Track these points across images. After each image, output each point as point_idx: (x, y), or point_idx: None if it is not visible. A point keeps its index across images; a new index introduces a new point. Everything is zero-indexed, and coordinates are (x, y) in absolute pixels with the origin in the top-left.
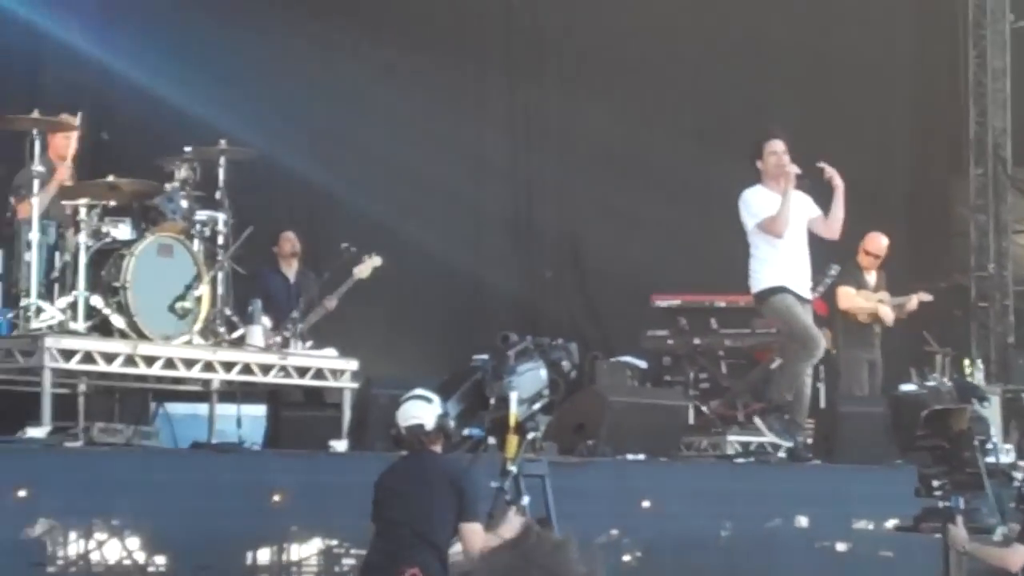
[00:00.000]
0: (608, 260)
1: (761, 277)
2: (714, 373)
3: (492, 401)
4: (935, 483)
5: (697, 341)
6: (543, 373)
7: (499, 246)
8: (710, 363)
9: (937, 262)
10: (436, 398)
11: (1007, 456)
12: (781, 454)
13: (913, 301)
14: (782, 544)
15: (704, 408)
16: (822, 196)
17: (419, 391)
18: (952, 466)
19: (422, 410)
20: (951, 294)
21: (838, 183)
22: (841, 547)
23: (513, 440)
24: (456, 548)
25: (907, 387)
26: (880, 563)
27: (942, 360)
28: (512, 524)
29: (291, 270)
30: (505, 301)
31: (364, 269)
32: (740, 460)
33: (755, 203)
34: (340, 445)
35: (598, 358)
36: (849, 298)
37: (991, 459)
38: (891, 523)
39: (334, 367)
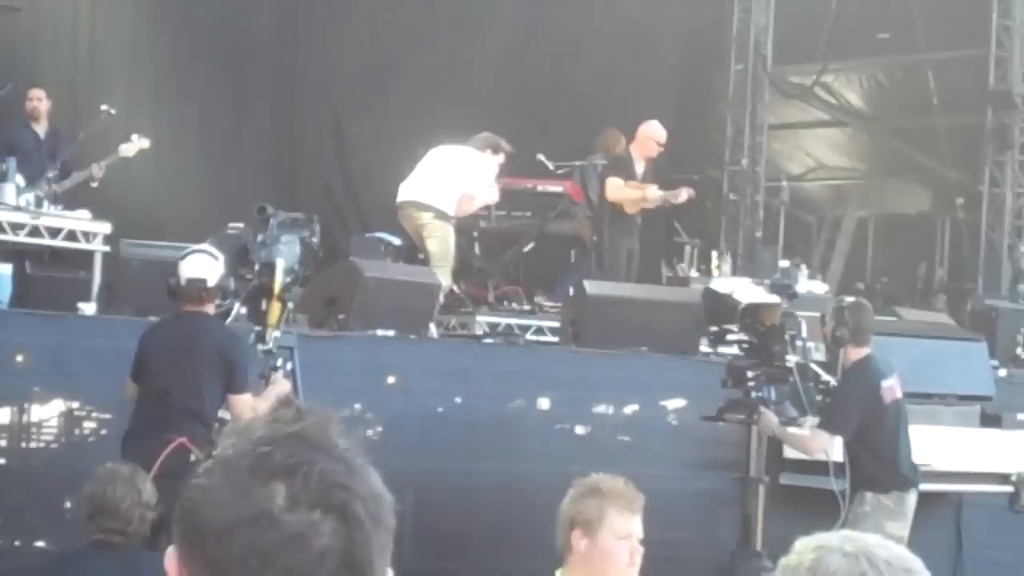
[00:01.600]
0: (369, 137)
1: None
2: (467, 254)
3: (256, 267)
4: (749, 374)
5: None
6: (298, 247)
7: (260, 118)
8: (464, 243)
9: (693, 155)
10: (221, 257)
11: (816, 353)
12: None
13: (681, 196)
14: (523, 424)
15: (455, 287)
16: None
17: (205, 246)
18: (762, 359)
19: (207, 265)
20: (703, 186)
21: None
22: (580, 430)
23: (276, 307)
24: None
25: (715, 282)
26: (617, 447)
27: (691, 251)
28: (281, 386)
29: (40, 127)
30: (264, 173)
31: (130, 148)
32: (488, 340)
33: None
34: (88, 308)
35: (354, 233)
36: (618, 189)
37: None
38: (631, 408)
39: (86, 229)
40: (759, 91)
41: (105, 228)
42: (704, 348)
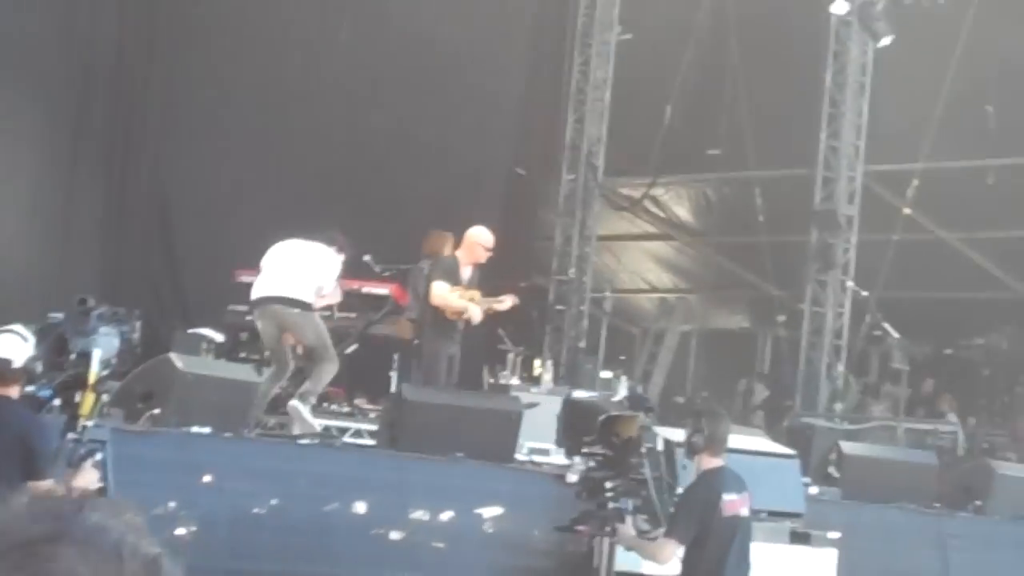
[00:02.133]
0: (196, 233)
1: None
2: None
3: (72, 357)
4: (608, 485)
5: None
6: (116, 341)
7: (90, 206)
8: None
9: (520, 262)
10: (31, 339)
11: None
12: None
13: (506, 302)
14: (338, 528)
15: (280, 388)
16: None
17: (16, 327)
18: (618, 471)
19: (14, 346)
20: (529, 295)
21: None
22: (395, 535)
23: (90, 397)
24: None
25: (580, 393)
26: (432, 553)
27: (514, 359)
28: (88, 475)
29: None
30: (90, 262)
31: None
32: (304, 441)
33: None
34: None
35: (176, 328)
36: (442, 294)
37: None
38: (447, 515)
39: None
40: (589, 202)
41: None
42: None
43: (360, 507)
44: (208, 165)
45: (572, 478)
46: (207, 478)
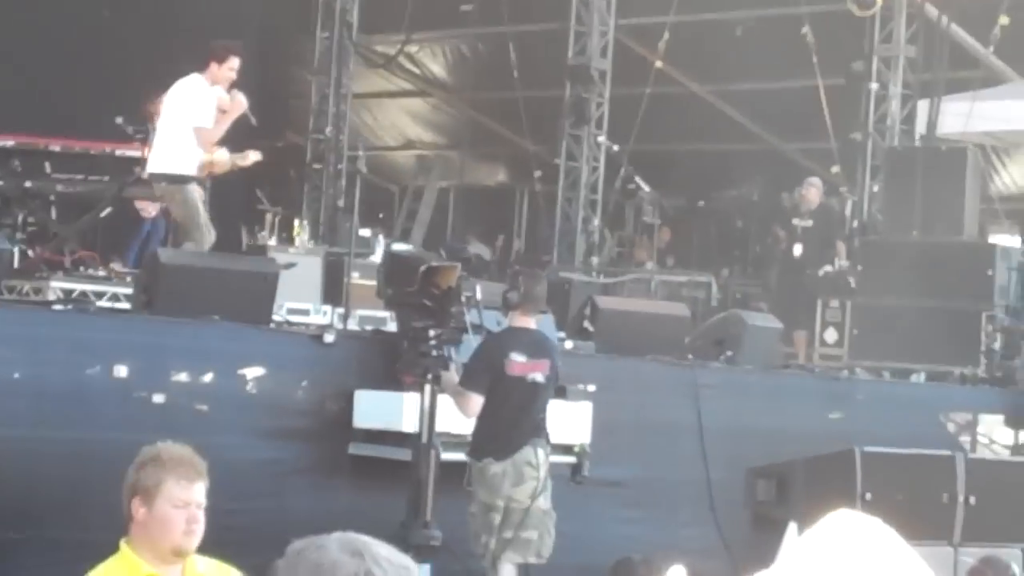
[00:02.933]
0: None
1: (177, 163)
2: (44, 218)
3: None
4: (431, 333)
5: (28, 184)
6: None
7: None
8: (41, 207)
9: (275, 121)
10: None
11: None
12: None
13: (250, 157)
14: (95, 393)
15: (30, 252)
16: None
17: None
18: (438, 320)
19: None
20: (286, 154)
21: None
22: (155, 399)
23: None
24: None
25: (401, 246)
26: (195, 416)
27: (272, 218)
28: None
29: None
30: None
31: None
32: (58, 307)
33: (199, 99)
34: None
35: None
36: None
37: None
38: (205, 377)
39: None
40: (344, 59)
41: None
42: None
43: (118, 371)
44: None
45: (329, 338)
46: None
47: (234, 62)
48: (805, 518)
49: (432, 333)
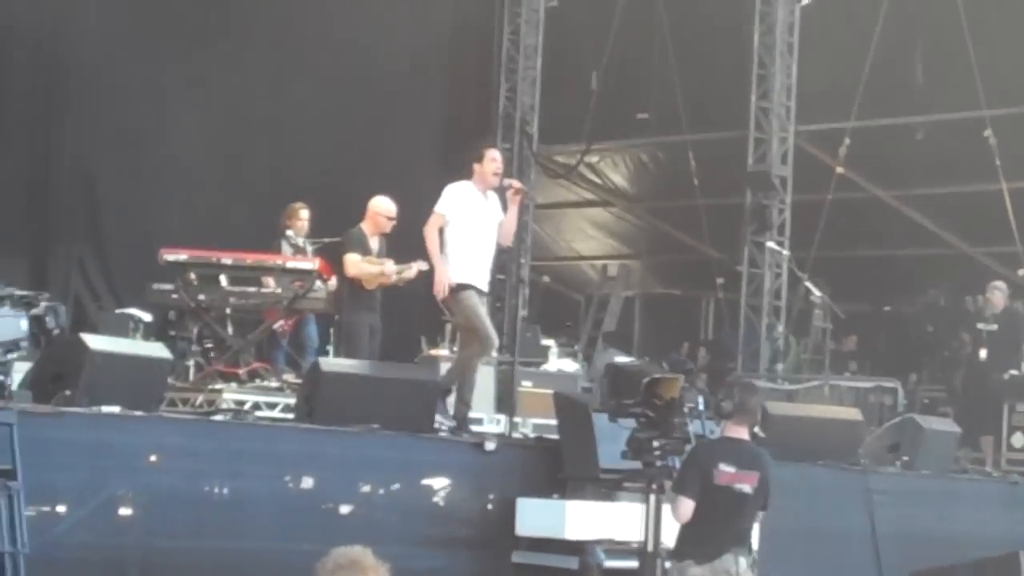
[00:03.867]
0: (120, 211)
1: (452, 270)
2: (219, 330)
3: None
4: (655, 444)
5: (203, 297)
6: (23, 324)
7: (10, 189)
8: (215, 320)
9: None
10: None
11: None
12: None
13: (412, 270)
14: (252, 502)
15: (206, 364)
16: None
17: None
18: (662, 430)
19: None
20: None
21: (518, 197)
22: (310, 507)
23: None
24: None
25: (622, 359)
26: (348, 524)
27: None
28: None
29: None
30: (16, 246)
31: None
32: (217, 418)
33: (457, 199)
34: None
35: (102, 308)
36: (355, 265)
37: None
38: (364, 486)
39: None
40: (525, 171)
41: None
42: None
43: (273, 481)
44: (132, 141)
45: (490, 446)
46: (117, 458)
47: (492, 153)
48: None
49: (656, 444)
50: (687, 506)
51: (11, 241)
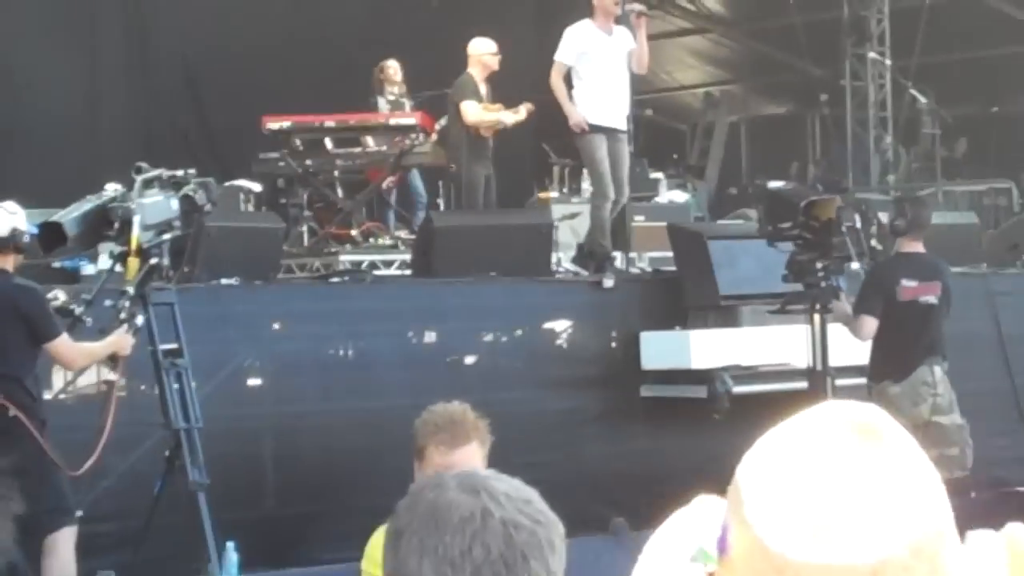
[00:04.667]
0: (220, 83)
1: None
2: (328, 193)
3: (116, 225)
4: (819, 265)
5: (309, 162)
6: (174, 203)
7: (113, 71)
8: (324, 183)
9: None
10: (21, 211)
11: None
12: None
13: (522, 112)
14: (376, 360)
15: (319, 228)
16: None
17: (6, 202)
18: (822, 251)
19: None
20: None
21: (642, 20)
22: (434, 361)
23: (133, 263)
24: None
25: (775, 183)
26: (481, 373)
27: (560, 171)
28: (122, 340)
29: None
30: (121, 127)
31: None
32: (335, 280)
33: (576, 41)
34: None
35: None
36: (475, 112)
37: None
38: (488, 334)
39: None
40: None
41: None
42: None
43: (395, 337)
44: (224, 12)
45: (608, 283)
46: (239, 327)
47: None
48: None
49: (819, 265)
50: (870, 324)
51: (116, 124)
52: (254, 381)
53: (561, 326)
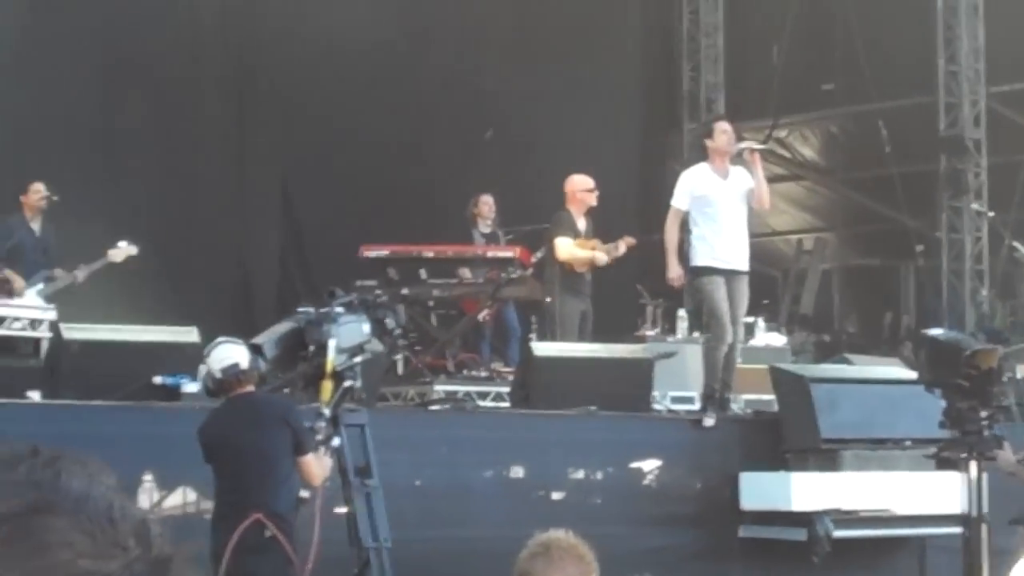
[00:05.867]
0: (319, 210)
1: (695, 254)
2: (423, 323)
3: (312, 349)
4: (983, 413)
5: (406, 291)
6: (365, 327)
7: (213, 204)
8: (419, 314)
9: (652, 216)
10: (240, 342)
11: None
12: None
13: (621, 247)
14: (476, 490)
15: (413, 358)
16: None
17: (224, 337)
18: (980, 401)
19: (235, 351)
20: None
21: (756, 156)
22: (532, 492)
23: (328, 385)
24: None
25: (935, 331)
26: (580, 507)
27: (653, 311)
28: (324, 461)
29: (37, 222)
30: (223, 258)
31: (118, 254)
32: (435, 408)
33: (690, 186)
34: (35, 395)
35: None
36: (567, 248)
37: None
38: (584, 469)
39: (33, 317)
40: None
41: (50, 314)
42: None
43: (494, 467)
44: (323, 144)
45: (709, 422)
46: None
47: (722, 125)
48: None
49: (983, 413)
50: None
51: (214, 246)
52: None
53: (659, 462)
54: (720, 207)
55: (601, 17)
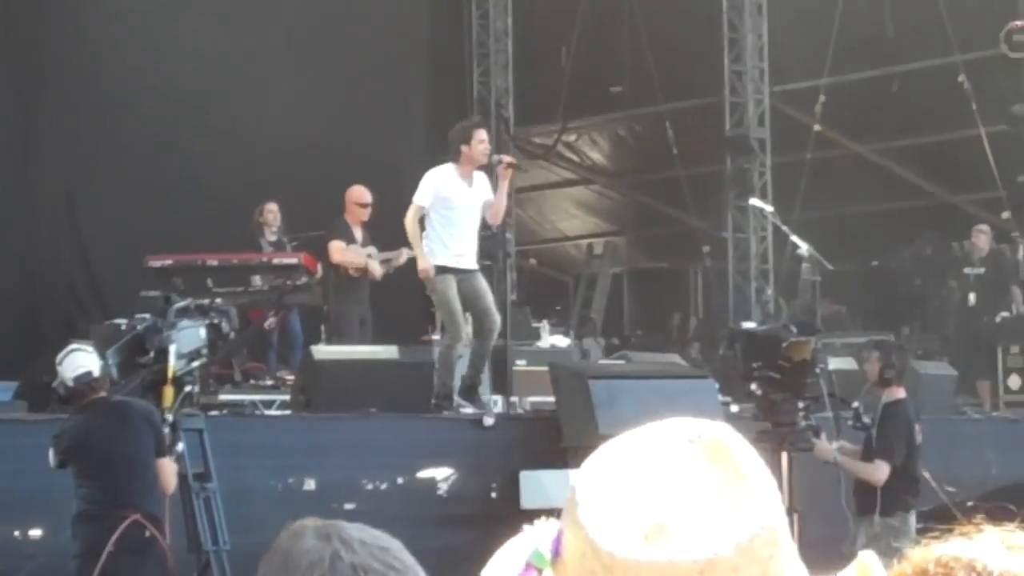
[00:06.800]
0: (102, 221)
1: (430, 253)
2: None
3: (151, 354)
4: (800, 404)
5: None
6: (202, 332)
7: None
8: None
9: None
10: (93, 348)
11: None
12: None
13: (402, 256)
14: (255, 495)
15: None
16: None
17: (75, 344)
18: (795, 391)
19: (87, 359)
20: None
21: (509, 172)
22: (313, 496)
23: (169, 391)
24: None
25: (748, 324)
26: (360, 509)
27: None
28: (173, 466)
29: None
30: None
31: None
32: (213, 413)
33: (434, 186)
34: None
35: (92, 322)
36: (340, 252)
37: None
38: (367, 471)
39: None
40: (503, 153)
41: None
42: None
43: (276, 472)
44: (108, 151)
45: (488, 421)
46: None
47: (481, 134)
48: None
49: (801, 404)
50: (886, 472)
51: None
52: None
53: (441, 463)
54: (460, 211)
55: (389, 24)
